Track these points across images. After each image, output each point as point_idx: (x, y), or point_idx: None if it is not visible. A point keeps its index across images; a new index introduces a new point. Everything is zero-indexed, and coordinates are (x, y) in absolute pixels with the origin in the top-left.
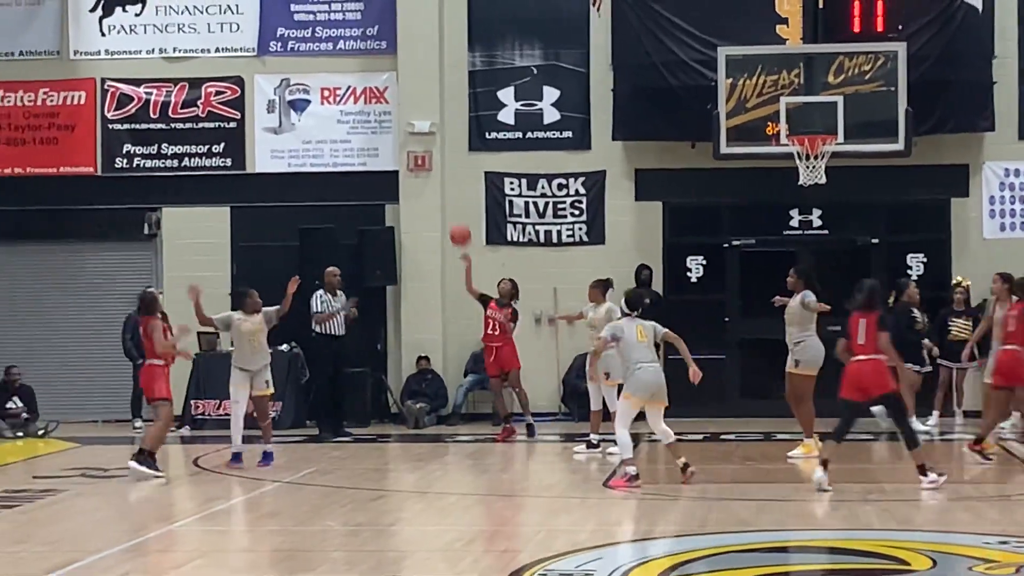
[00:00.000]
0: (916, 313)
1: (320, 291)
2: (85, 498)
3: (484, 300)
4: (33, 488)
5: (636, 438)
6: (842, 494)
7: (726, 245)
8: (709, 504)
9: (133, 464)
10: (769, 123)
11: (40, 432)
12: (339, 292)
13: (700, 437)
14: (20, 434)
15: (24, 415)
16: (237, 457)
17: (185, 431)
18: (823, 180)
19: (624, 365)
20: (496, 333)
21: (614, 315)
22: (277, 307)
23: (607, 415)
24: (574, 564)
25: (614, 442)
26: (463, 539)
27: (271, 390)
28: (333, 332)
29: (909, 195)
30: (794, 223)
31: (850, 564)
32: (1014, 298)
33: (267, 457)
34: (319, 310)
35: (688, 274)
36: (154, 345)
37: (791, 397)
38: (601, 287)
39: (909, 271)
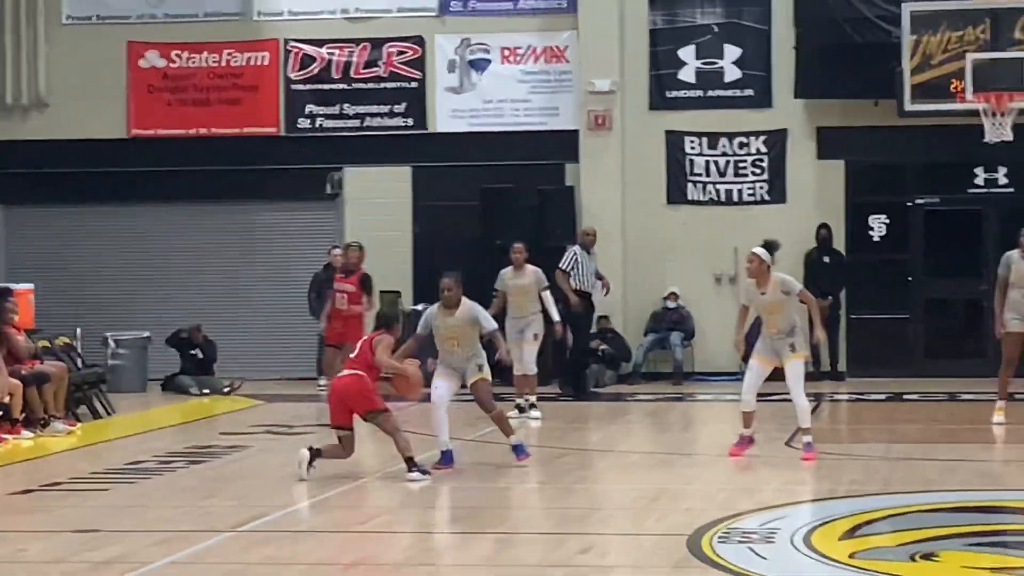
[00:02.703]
0: None
1: (576, 247)
2: (271, 454)
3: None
4: (220, 444)
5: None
6: None
7: (910, 204)
8: (893, 463)
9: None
10: (954, 80)
11: (225, 389)
12: (593, 251)
13: (883, 397)
14: (206, 391)
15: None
16: (447, 456)
17: None
18: (1010, 137)
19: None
20: (344, 307)
21: None
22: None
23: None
24: (758, 523)
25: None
26: (647, 497)
27: (483, 375)
28: (586, 288)
29: None
30: (979, 181)
31: None
32: None
33: (518, 450)
34: (567, 268)
35: (871, 233)
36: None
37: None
38: None
39: None
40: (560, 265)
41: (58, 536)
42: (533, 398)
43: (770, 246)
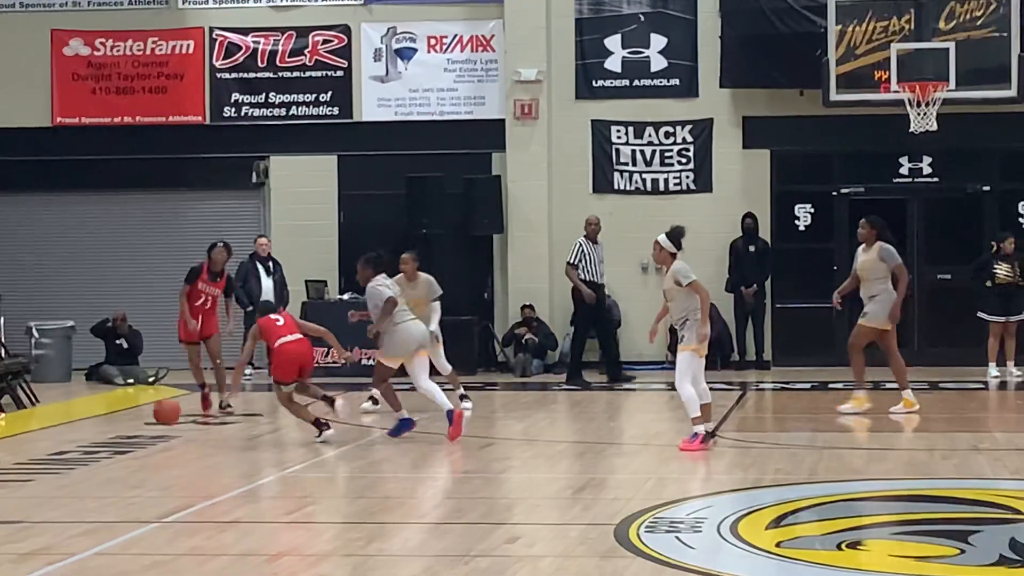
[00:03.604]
0: (998, 265)
1: (582, 239)
2: (196, 445)
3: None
4: (145, 435)
5: None
6: (953, 443)
7: (835, 193)
8: (819, 453)
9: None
10: (879, 70)
11: (150, 379)
12: (599, 242)
13: (808, 386)
14: (131, 381)
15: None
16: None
17: None
18: (934, 127)
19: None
20: (208, 306)
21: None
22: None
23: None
24: (684, 512)
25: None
26: (572, 487)
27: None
28: (595, 279)
29: (1022, 142)
30: (904, 171)
31: (961, 513)
32: None
33: (403, 424)
34: (574, 261)
35: (796, 222)
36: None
37: (888, 351)
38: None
39: (1022, 219)
40: (568, 259)
41: None
42: (461, 389)
43: (674, 233)
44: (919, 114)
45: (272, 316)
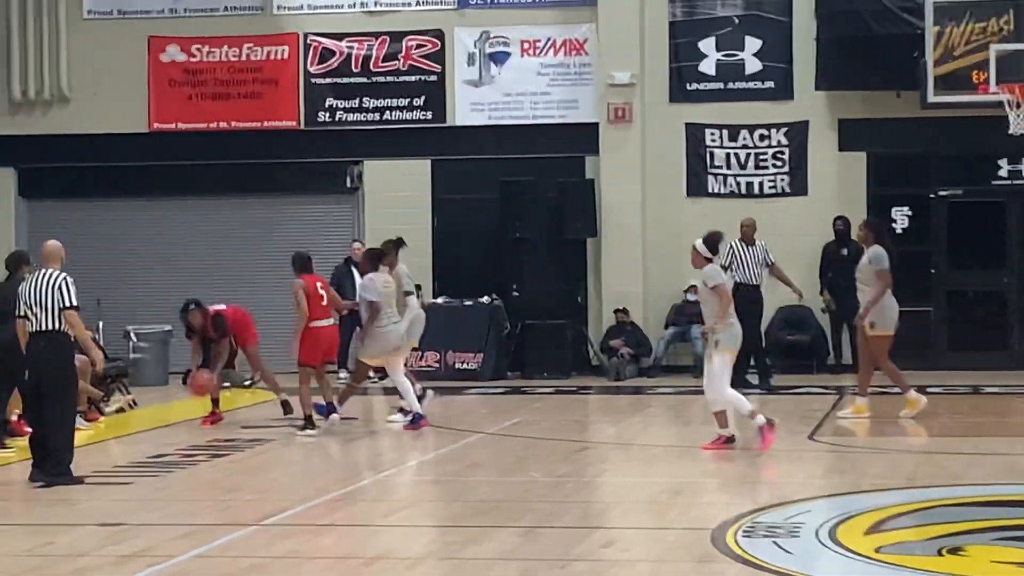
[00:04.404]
0: None
1: (734, 240)
2: (292, 448)
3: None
4: (241, 438)
5: None
6: None
7: (932, 196)
8: (917, 457)
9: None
10: (977, 71)
11: (246, 383)
12: (757, 242)
13: None
14: (227, 384)
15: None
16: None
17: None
18: None
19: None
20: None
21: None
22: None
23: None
24: (782, 517)
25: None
26: (668, 491)
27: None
28: (753, 282)
29: None
30: (1003, 173)
31: None
32: None
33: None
34: (724, 263)
35: (893, 225)
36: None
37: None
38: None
39: None
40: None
41: (83, 529)
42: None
43: (710, 239)
44: (1018, 116)
45: (319, 287)
